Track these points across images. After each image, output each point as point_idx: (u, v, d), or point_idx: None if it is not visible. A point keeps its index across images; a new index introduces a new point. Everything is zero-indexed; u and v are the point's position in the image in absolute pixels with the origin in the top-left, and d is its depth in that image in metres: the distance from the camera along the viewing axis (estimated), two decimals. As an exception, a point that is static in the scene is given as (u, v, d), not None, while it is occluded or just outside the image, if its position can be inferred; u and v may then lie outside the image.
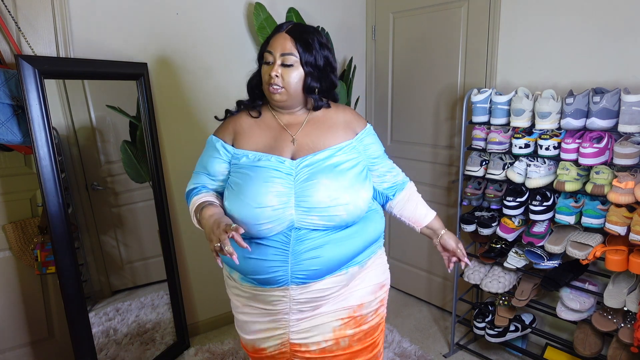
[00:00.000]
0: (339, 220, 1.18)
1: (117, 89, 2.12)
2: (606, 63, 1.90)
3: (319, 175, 1.18)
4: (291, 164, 1.20)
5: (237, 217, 1.17)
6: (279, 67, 1.19)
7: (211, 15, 2.32)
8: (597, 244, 1.78)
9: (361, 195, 1.22)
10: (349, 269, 1.24)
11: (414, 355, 2.30)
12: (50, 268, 1.93)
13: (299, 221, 1.17)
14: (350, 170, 1.22)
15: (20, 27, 1.78)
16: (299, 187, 1.17)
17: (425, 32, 2.59)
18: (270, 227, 1.16)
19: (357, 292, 1.28)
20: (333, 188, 1.17)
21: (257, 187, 1.16)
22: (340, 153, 1.24)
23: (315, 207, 1.16)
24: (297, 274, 1.18)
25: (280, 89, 1.20)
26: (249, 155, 1.23)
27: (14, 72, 1.66)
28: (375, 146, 1.36)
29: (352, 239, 1.23)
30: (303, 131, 1.27)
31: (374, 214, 1.32)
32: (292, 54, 1.19)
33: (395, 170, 1.43)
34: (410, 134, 2.80)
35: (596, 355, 1.88)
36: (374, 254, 1.33)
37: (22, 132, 1.69)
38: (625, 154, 1.63)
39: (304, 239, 1.17)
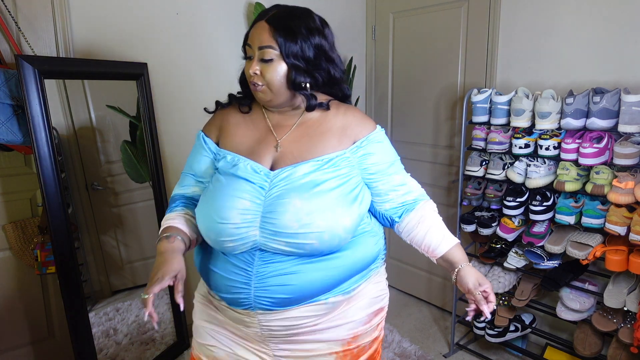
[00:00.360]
0: (310, 249, 0.99)
1: (117, 89, 2.12)
2: (606, 63, 1.90)
3: (292, 194, 0.99)
4: (267, 175, 1.04)
5: (202, 228, 1.06)
6: (258, 63, 1.03)
7: (211, 15, 2.32)
8: (597, 244, 1.78)
9: (342, 221, 1.00)
10: (330, 299, 1.05)
11: (414, 355, 2.30)
12: (50, 268, 1.93)
13: (263, 244, 1.00)
14: (332, 191, 1.01)
15: (20, 27, 1.78)
16: (268, 205, 1.00)
17: (425, 32, 2.59)
18: (232, 246, 1.02)
19: (346, 324, 1.09)
20: (305, 211, 0.97)
21: (223, 199, 1.02)
22: (325, 167, 1.04)
23: (281, 232, 0.98)
24: (261, 299, 1.02)
25: (261, 86, 1.04)
26: (227, 158, 1.09)
27: (14, 72, 1.66)
28: (378, 157, 1.11)
29: (333, 267, 1.03)
30: (291, 136, 1.09)
31: (366, 237, 1.10)
32: (270, 47, 1.01)
33: (404, 188, 1.15)
34: (410, 134, 2.80)
35: (596, 355, 1.88)
36: (365, 279, 1.12)
37: (22, 132, 1.69)
38: (625, 154, 1.63)
39: (270, 261, 1.01)
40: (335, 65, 1.10)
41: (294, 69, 1.03)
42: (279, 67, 1.02)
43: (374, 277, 1.15)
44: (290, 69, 1.02)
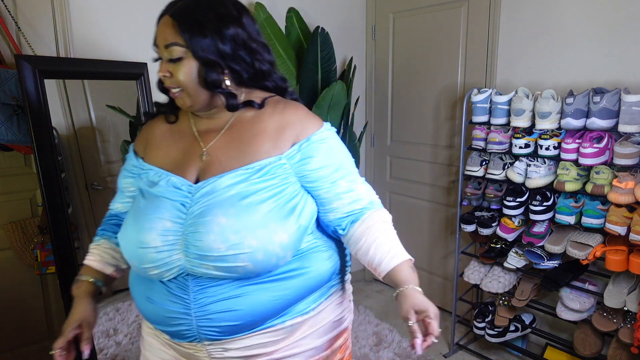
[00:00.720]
0: (243, 272, 0.86)
1: (117, 89, 2.12)
2: (606, 63, 1.89)
3: (215, 210, 0.86)
4: (189, 190, 0.90)
5: (125, 254, 0.94)
6: (166, 64, 0.90)
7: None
8: (597, 244, 1.78)
9: (278, 239, 0.86)
10: (287, 322, 0.93)
11: (413, 355, 2.30)
12: (50, 268, 1.93)
13: (191, 269, 0.87)
14: (263, 204, 0.87)
15: (20, 27, 1.78)
16: (191, 224, 0.87)
17: (425, 32, 2.59)
18: (157, 273, 0.88)
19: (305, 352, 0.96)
20: (231, 230, 0.84)
21: (142, 221, 0.90)
22: (256, 177, 0.89)
23: (207, 255, 0.84)
24: (206, 329, 0.89)
25: (177, 91, 0.91)
26: (149, 175, 0.96)
27: (14, 72, 1.66)
28: (318, 162, 0.93)
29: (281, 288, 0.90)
30: (219, 141, 0.95)
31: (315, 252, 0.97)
32: (176, 44, 0.88)
33: (351, 196, 0.97)
34: (410, 134, 2.80)
35: (596, 355, 1.88)
36: (325, 297, 0.99)
37: (22, 132, 1.69)
38: (625, 154, 1.63)
39: (207, 286, 0.88)
40: (259, 56, 0.94)
41: (206, 65, 0.89)
42: (189, 66, 0.89)
43: (335, 297, 1.02)
44: (202, 66, 0.89)
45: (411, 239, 2.93)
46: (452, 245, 2.62)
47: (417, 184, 2.82)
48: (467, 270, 2.27)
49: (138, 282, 0.96)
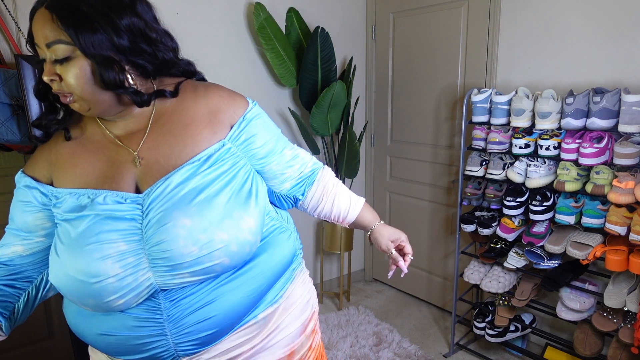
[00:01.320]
0: (221, 269, 0.82)
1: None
2: (606, 63, 1.90)
3: (175, 212, 0.78)
4: (134, 201, 0.80)
5: (75, 299, 0.80)
6: (52, 66, 0.76)
7: (211, 15, 2.32)
8: (597, 244, 1.78)
9: (246, 225, 0.83)
10: (259, 315, 0.90)
11: (414, 355, 2.30)
12: (50, 268, 1.93)
13: (163, 284, 0.80)
14: (221, 194, 0.82)
15: (20, 27, 1.77)
16: (150, 237, 0.78)
17: (425, 32, 2.59)
18: (123, 302, 0.79)
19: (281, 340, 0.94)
20: (199, 229, 0.78)
21: (87, 251, 0.77)
22: (205, 167, 0.83)
23: (179, 264, 0.78)
24: (184, 345, 0.82)
25: (70, 97, 0.78)
26: (73, 199, 0.82)
27: (14, 72, 1.66)
28: (262, 137, 0.91)
29: (252, 280, 0.87)
30: (149, 141, 0.84)
31: (277, 234, 0.94)
32: (60, 41, 0.74)
33: (298, 161, 1.00)
34: (410, 134, 2.80)
35: (596, 355, 1.88)
36: (290, 281, 0.97)
37: (22, 132, 1.69)
38: (626, 154, 1.63)
39: (179, 298, 0.81)
40: (161, 45, 0.84)
41: (101, 64, 0.76)
42: (80, 66, 0.75)
43: (298, 278, 1.00)
44: (97, 65, 0.76)
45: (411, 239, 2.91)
46: (452, 245, 2.62)
47: (417, 184, 2.82)
48: (467, 270, 2.27)
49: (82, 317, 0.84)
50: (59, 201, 0.83)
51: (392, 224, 3.16)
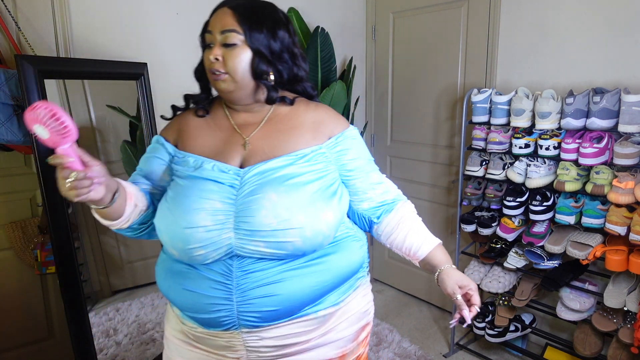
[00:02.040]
0: (292, 248, 0.91)
1: (117, 89, 2.12)
2: (606, 63, 1.90)
3: (267, 188, 0.92)
4: (236, 173, 0.96)
5: (167, 239, 0.95)
6: (220, 48, 0.95)
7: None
8: (597, 244, 1.78)
9: (324, 217, 0.93)
10: (319, 312, 0.98)
11: (414, 355, 2.30)
12: (50, 268, 1.93)
13: (240, 248, 0.91)
14: (309, 185, 0.94)
15: (20, 27, 1.78)
16: (241, 204, 0.92)
17: (425, 32, 2.59)
18: (203, 253, 0.91)
19: (336, 342, 1.01)
20: (282, 206, 0.90)
21: (189, 201, 0.92)
22: (301, 161, 0.97)
23: (258, 231, 0.89)
24: (246, 315, 0.92)
25: (223, 74, 0.96)
26: (189, 161, 1.00)
27: (14, 72, 1.66)
28: (354, 154, 1.05)
29: (320, 273, 0.95)
30: (259, 133, 1.02)
31: (350, 241, 1.04)
32: (234, 30, 0.94)
33: (382, 187, 1.10)
34: (410, 134, 2.80)
35: (596, 355, 1.88)
36: (353, 289, 1.05)
37: (22, 132, 1.69)
38: (625, 154, 1.63)
39: (250, 271, 0.92)
40: (299, 62, 1.04)
41: (259, 56, 0.95)
42: (243, 54, 0.95)
43: (361, 288, 1.08)
44: (255, 56, 0.95)
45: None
46: (452, 245, 2.62)
47: (417, 184, 2.82)
48: (467, 270, 2.27)
49: (171, 275, 0.98)
50: (179, 160, 1.02)
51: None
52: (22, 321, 2.00)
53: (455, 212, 2.31)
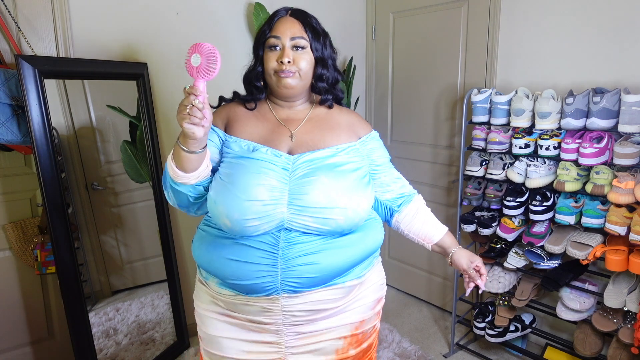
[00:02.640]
0: (335, 225, 1.06)
1: (117, 89, 2.12)
2: (606, 63, 1.90)
3: (319, 172, 1.08)
4: (288, 158, 1.10)
5: (223, 210, 1.05)
6: (290, 51, 1.10)
7: (211, 15, 2.32)
8: (597, 244, 1.78)
9: (362, 202, 1.11)
10: (347, 282, 1.13)
11: (414, 355, 2.30)
12: (50, 268, 1.93)
13: (290, 221, 1.05)
14: (352, 173, 1.11)
15: (20, 27, 1.78)
16: (295, 184, 1.06)
17: (425, 32, 2.59)
18: (257, 225, 1.04)
19: (357, 308, 1.18)
20: (332, 188, 1.06)
21: (248, 178, 1.05)
22: (342, 154, 1.14)
23: (310, 207, 1.04)
24: (288, 280, 1.06)
25: (293, 73, 1.11)
26: (242, 145, 1.12)
27: (14, 72, 1.66)
28: (380, 152, 1.26)
29: (351, 248, 1.12)
30: (303, 128, 1.17)
31: (373, 222, 1.22)
32: (302, 37, 1.11)
33: (401, 182, 1.32)
34: (410, 134, 2.80)
35: (596, 355, 1.88)
36: (372, 265, 1.23)
37: (22, 132, 1.69)
38: (625, 154, 1.63)
39: (294, 242, 1.06)
40: (336, 69, 1.21)
41: (319, 61, 1.14)
42: (310, 57, 1.13)
43: (377, 265, 1.27)
44: (317, 61, 1.14)
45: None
46: (452, 245, 2.62)
47: (417, 184, 2.81)
48: (467, 270, 2.27)
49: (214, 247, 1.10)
50: (231, 143, 1.13)
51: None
52: (22, 321, 2.00)
53: (455, 212, 2.31)
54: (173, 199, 1.13)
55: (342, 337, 1.16)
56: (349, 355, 1.17)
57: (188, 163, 1.03)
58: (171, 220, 2.30)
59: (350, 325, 1.17)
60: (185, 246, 2.43)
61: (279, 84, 1.13)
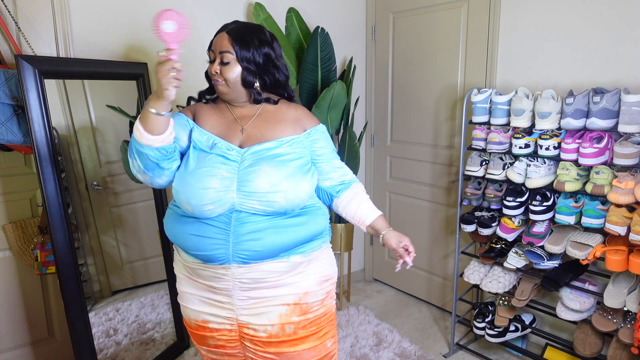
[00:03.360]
0: (278, 207, 1.24)
1: (117, 89, 2.12)
2: (606, 63, 1.90)
3: (262, 162, 1.25)
4: (238, 151, 1.29)
5: (184, 197, 1.24)
6: (218, 65, 1.29)
7: (211, 15, 2.32)
8: (597, 244, 1.78)
9: (301, 186, 1.28)
10: (291, 257, 1.30)
11: (414, 355, 2.30)
12: (50, 268, 1.93)
13: (240, 205, 1.23)
14: (292, 162, 1.29)
15: (20, 27, 1.78)
16: (242, 173, 1.24)
17: (425, 32, 2.59)
18: (212, 209, 1.22)
19: (302, 282, 1.33)
20: (273, 175, 1.23)
21: (204, 170, 1.24)
22: (285, 145, 1.31)
23: (255, 192, 1.22)
24: (238, 253, 1.24)
25: (221, 82, 1.29)
26: (204, 137, 1.31)
27: (14, 72, 1.66)
28: (323, 143, 1.40)
29: (294, 229, 1.28)
30: (253, 123, 1.35)
31: (316, 209, 1.38)
32: (228, 52, 1.27)
33: (342, 170, 1.46)
34: (410, 134, 2.80)
35: (596, 355, 1.88)
36: (319, 247, 1.38)
37: (22, 132, 1.69)
38: (625, 154, 1.63)
39: (244, 221, 1.24)
40: (280, 71, 1.36)
41: (246, 70, 1.29)
42: (235, 68, 1.28)
43: (325, 248, 1.42)
44: (243, 70, 1.29)
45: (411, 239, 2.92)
46: (452, 245, 2.62)
47: (417, 184, 2.82)
48: (467, 270, 2.27)
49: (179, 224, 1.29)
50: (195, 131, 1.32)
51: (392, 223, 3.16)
52: (22, 321, 2.01)
53: (455, 212, 2.31)
54: (138, 163, 1.25)
55: (286, 304, 1.32)
56: (292, 321, 1.33)
57: (156, 125, 1.18)
58: (171, 220, 2.30)
59: (294, 295, 1.32)
60: (185, 246, 2.43)
61: (216, 89, 1.34)
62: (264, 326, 1.31)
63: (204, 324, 1.36)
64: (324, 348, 1.38)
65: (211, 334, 1.36)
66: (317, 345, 1.36)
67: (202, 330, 1.37)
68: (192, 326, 1.40)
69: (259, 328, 1.31)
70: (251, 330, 1.32)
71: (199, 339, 1.41)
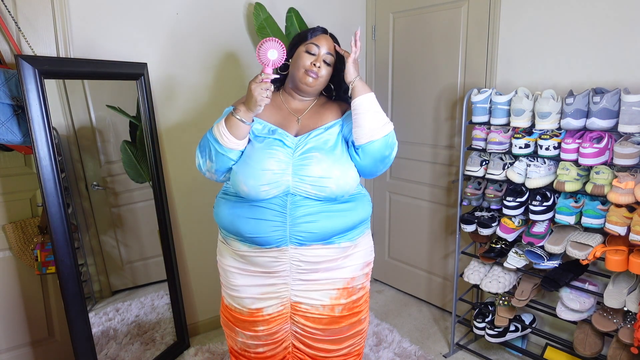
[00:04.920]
0: (329, 192, 1.35)
1: (117, 89, 2.12)
2: (606, 63, 1.90)
3: (313, 150, 1.38)
4: (293, 139, 1.42)
5: (242, 178, 1.35)
6: (321, 62, 1.44)
7: (211, 15, 2.32)
8: (597, 244, 1.78)
9: (350, 173, 1.40)
10: (341, 243, 1.42)
11: (414, 355, 2.30)
12: (50, 268, 1.93)
13: (294, 188, 1.35)
14: (336, 149, 1.41)
15: (20, 27, 1.78)
16: (297, 159, 1.36)
17: (425, 32, 2.59)
18: (267, 190, 1.33)
19: (349, 267, 1.47)
20: (324, 162, 1.36)
21: (262, 153, 1.36)
22: (330, 130, 1.45)
23: (308, 176, 1.34)
24: (295, 234, 1.35)
25: (316, 76, 1.43)
26: (263, 126, 1.44)
27: (14, 72, 1.66)
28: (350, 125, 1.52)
29: (344, 214, 1.40)
30: (307, 114, 1.51)
31: (362, 197, 1.51)
32: (331, 54, 1.47)
33: None
34: (410, 134, 2.80)
35: (596, 355, 1.88)
36: (363, 233, 1.52)
37: (22, 132, 1.69)
38: (625, 154, 1.63)
39: (299, 205, 1.35)
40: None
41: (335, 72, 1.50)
42: (329, 69, 1.48)
43: (367, 234, 1.56)
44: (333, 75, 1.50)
45: (411, 239, 2.93)
46: (452, 245, 2.62)
47: (417, 184, 2.82)
48: (467, 270, 2.27)
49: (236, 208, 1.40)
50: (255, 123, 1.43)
51: (392, 224, 3.15)
52: (22, 321, 2.01)
53: (455, 212, 2.31)
54: (213, 165, 1.40)
55: (336, 289, 1.47)
56: (340, 303, 1.48)
57: (242, 131, 1.35)
58: (171, 220, 2.30)
59: (343, 280, 1.47)
60: (185, 246, 2.43)
61: (303, 79, 1.44)
62: (315, 307, 1.46)
63: (257, 311, 1.46)
64: (359, 323, 1.55)
65: (263, 319, 1.47)
66: (355, 321, 1.53)
67: (254, 316, 1.47)
68: (244, 314, 1.49)
69: (310, 308, 1.46)
70: (302, 309, 1.46)
71: (248, 324, 1.50)
